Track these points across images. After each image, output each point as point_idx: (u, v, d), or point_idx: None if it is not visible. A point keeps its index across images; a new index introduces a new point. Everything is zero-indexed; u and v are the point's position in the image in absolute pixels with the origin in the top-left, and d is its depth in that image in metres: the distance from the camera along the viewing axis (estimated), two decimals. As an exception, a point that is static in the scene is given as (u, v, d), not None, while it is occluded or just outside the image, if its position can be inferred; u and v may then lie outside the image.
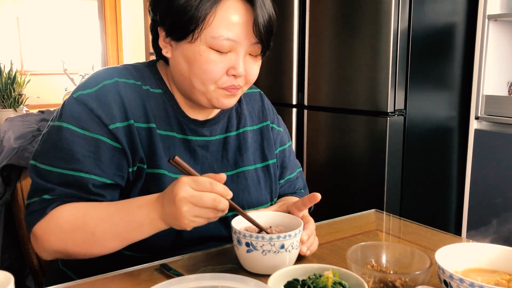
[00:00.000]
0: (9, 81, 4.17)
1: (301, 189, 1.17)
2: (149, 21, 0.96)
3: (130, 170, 0.91)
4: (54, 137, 0.87)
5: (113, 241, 0.83)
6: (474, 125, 2.22)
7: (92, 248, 0.84)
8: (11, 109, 4.15)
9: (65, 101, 0.91)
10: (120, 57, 5.08)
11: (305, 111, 2.40)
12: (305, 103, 2.40)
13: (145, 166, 0.91)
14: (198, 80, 0.89)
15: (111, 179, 0.88)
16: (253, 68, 0.93)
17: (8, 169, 1.10)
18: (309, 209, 1.12)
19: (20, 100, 4.21)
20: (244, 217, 0.85)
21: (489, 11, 2.13)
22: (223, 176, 0.76)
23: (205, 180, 0.74)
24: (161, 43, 0.93)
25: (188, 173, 0.78)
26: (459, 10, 2.19)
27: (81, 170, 0.85)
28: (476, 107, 2.20)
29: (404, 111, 2.08)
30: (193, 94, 0.92)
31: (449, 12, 2.17)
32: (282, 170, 1.12)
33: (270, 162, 1.08)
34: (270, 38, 0.91)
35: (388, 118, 2.04)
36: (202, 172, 0.98)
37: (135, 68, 0.97)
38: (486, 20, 2.14)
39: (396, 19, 1.98)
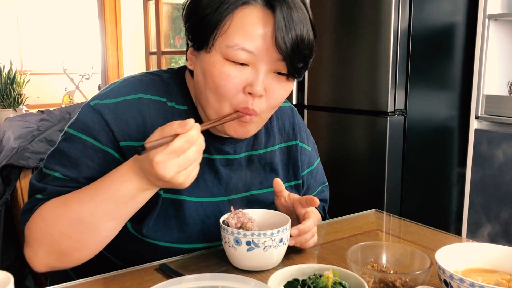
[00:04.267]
0: (8, 80, 4.18)
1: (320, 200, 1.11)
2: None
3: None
4: (63, 143, 0.84)
5: (105, 221, 0.77)
6: (474, 125, 2.22)
7: (82, 234, 0.77)
8: (10, 109, 4.16)
9: (82, 107, 0.87)
10: (120, 57, 5.08)
11: (305, 111, 2.40)
12: (305, 103, 2.39)
13: (162, 192, 0.86)
14: (212, 95, 0.82)
15: None
16: (277, 90, 0.82)
17: (8, 169, 1.10)
18: (323, 218, 1.11)
19: (19, 100, 4.22)
20: (218, 124, 0.81)
21: (490, 11, 2.13)
22: (191, 121, 0.69)
23: (180, 142, 0.68)
24: (188, 55, 0.88)
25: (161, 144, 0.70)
26: (459, 9, 2.19)
27: (80, 181, 0.82)
28: (476, 107, 2.20)
29: (404, 111, 2.08)
30: (207, 112, 0.85)
31: (449, 11, 2.17)
32: (306, 190, 1.09)
33: (294, 183, 1.04)
34: (297, 57, 0.79)
35: (388, 118, 2.04)
36: (226, 193, 0.94)
37: (163, 80, 0.91)
38: (487, 19, 2.14)
39: (396, 19, 1.98)
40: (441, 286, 0.70)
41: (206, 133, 0.91)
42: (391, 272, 0.79)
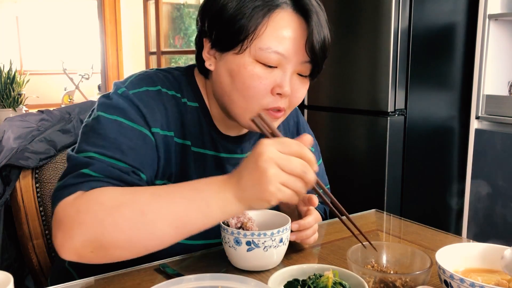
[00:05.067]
0: (8, 80, 4.17)
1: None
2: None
3: (157, 183, 0.86)
4: (96, 127, 0.80)
5: (166, 225, 0.69)
6: (474, 124, 2.22)
7: (136, 232, 0.69)
8: (10, 109, 4.15)
9: (110, 94, 0.85)
10: (119, 57, 5.08)
11: (305, 111, 2.40)
12: (305, 103, 2.39)
13: None
14: (240, 95, 0.83)
15: (148, 180, 0.83)
16: (300, 90, 0.86)
17: (8, 169, 1.10)
18: (323, 218, 1.12)
19: (19, 99, 4.21)
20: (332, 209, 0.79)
21: (490, 11, 2.13)
22: (309, 138, 0.69)
23: (292, 141, 0.66)
24: (205, 55, 0.87)
25: (271, 135, 0.71)
26: (460, 9, 2.19)
27: (124, 161, 0.78)
28: (477, 106, 2.20)
29: (405, 110, 2.08)
30: (233, 111, 0.86)
31: (450, 11, 2.17)
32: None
33: None
34: (323, 60, 0.85)
35: (389, 118, 2.04)
36: None
37: (174, 77, 0.92)
38: (487, 19, 2.14)
39: (396, 19, 1.98)
40: (441, 286, 0.70)
41: (214, 131, 0.93)
42: (391, 272, 0.79)
